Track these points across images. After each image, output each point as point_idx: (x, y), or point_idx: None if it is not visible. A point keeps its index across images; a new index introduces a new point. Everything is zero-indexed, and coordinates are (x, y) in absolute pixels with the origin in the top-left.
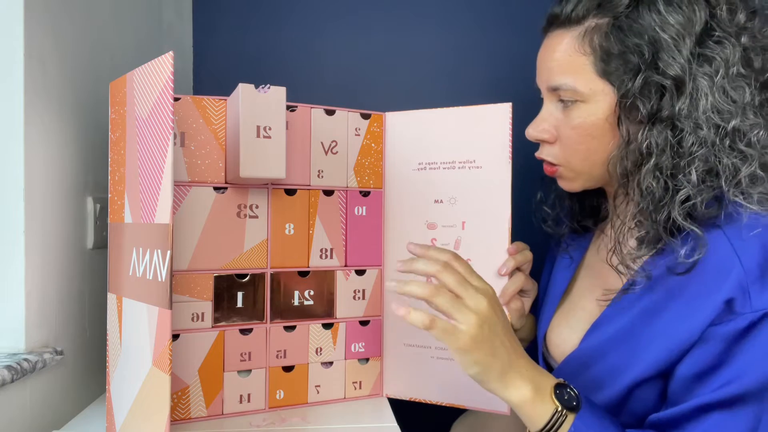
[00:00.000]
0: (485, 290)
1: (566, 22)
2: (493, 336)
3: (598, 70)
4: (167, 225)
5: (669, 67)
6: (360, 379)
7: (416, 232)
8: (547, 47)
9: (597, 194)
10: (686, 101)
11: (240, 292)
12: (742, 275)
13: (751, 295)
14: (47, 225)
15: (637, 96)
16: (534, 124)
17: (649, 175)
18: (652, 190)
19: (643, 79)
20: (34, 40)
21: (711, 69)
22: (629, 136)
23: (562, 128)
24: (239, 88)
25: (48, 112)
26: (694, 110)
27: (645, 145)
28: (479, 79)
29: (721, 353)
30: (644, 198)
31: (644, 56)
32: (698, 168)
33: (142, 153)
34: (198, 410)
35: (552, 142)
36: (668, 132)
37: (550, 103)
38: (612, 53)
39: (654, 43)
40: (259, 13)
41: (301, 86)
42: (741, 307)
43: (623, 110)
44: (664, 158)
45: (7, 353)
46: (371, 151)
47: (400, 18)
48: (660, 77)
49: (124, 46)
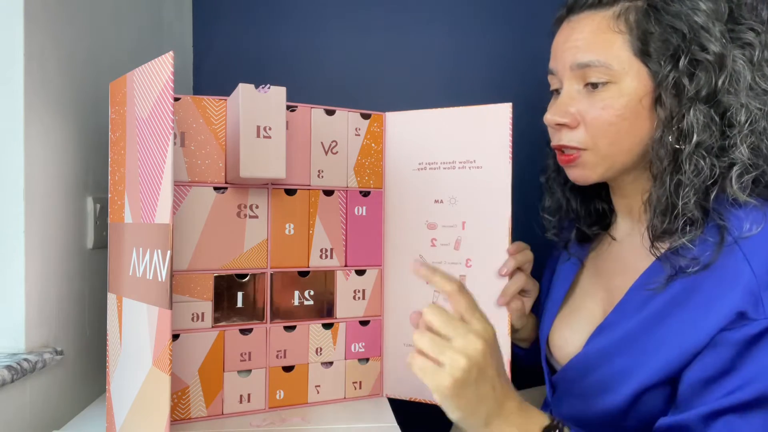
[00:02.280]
0: (483, 331)
1: (595, 4)
2: (482, 381)
3: (634, 49)
4: (167, 225)
5: (710, 44)
6: (360, 379)
7: (416, 232)
8: (572, 29)
9: (600, 198)
10: (727, 79)
11: (240, 292)
12: (753, 282)
13: (763, 301)
14: (47, 225)
15: (684, 74)
16: (554, 108)
17: (696, 155)
18: (699, 171)
19: (687, 58)
20: (34, 40)
21: (746, 51)
22: (671, 116)
23: (589, 110)
24: (239, 88)
25: (48, 113)
26: (736, 89)
27: (689, 124)
28: (479, 79)
29: (732, 358)
30: (690, 180)
31: (685, 35)
32: (747, 144)
33: (142, 153)
34: (198, 410)
35: (574, 127)
36: (711, 110)
37: (572, 86)
38: (651, 33)
39: (691, 24)
40: (259, 13)
41: (301, 86)
42: (754, 313)
43: (664, 89)
44: (708, 137)
45: (7, 353)
46: (371, 151)
47: (400, 18)
48: (704, 54)
49: (124, 46)
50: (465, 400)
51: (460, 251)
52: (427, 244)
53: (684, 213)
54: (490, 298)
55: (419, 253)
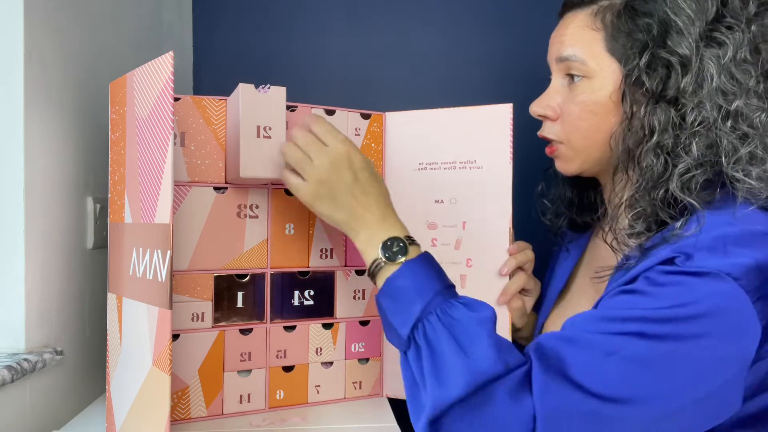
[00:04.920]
0: (332, 149)
1: (580, 3)
2: (335, 192)
3: (607, 47)
4: (167, 225)
5: (677, 45)
6: (360, 379)
7: (417, 231)
8: (561, 25)
9: (594, 189)
10: (692, 80)
11: (240, 292)
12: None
13: (694, 257)
14: (47, 225)
15: (643, 72)
16: (538, 100)
17: (651, 152)
18: (652, 167)
19: (649, 55)
20: (34, 40)
21: (719, 51)
22: (633, 113)
23: (566, 105)
24: (239, 88)
25: (48, 112)
26: (698, 89)
27: (648, 122)
28: (479, 79)
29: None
30: (643, 175)
31: (652, 34)
32: (699, 144)
33: (142, 153)
34: (198, 410)
35: (554, 120)
36: (672, 110)
37: (557, 79)
38: (621, 30)
39: (664, 23)
40: (260, 13)
41: (301, 86)
42: (681, 262)
43: (628, 86)
44: (666, 136)
45: (7, 353)
46: (371, 151)
47: (401, 18)
48: (667, 54)
49: (124, 46)
50: (324, 206)
51: (460, 251)
52: (428, 244)
53: (632, 207)
54: (491, 297)
55: None
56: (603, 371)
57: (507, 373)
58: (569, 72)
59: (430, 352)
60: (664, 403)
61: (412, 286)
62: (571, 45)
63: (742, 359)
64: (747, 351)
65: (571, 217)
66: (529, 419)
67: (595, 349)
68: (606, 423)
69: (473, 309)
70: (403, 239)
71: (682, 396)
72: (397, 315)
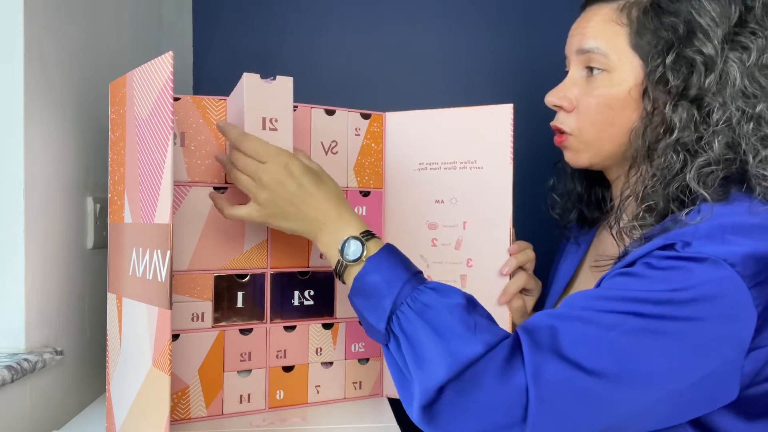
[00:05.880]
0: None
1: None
2: (283, 206)
3: (631, 42)
4: (167, 225)
5: (703, 45)
6: (360, 379)
7: (417, 231)
8: (583, 18)
9: (602, 185)
10: (715, 81)
11: (240, 292)
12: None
13: (692, 243)
14: (47, 225)
15: (669, 69)
16: (555, 90)
17: (670, 148)
18: (671, 163)
19: (675, 53)
20: (34, 40)
21: (743, 55)
22: (654, 109)
23: (583, 97)
24: (243, 78)
25: (48, 112)
26: (722, 90)
27: (670, 119)
28: (480, 79)
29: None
30: (660, 170)
31: (678, 33)
32: (720, 141)
33: (142, 153)
34: (198, 410)
35: (569, 111)
36: (694, 109)
37: (575, 71)
38: (647, 28)
39: (689, 23)
40: (260, 13)
41: (301, 86)
42: (680, 247)
43: (651, 83)
44: (687, 133)
45: (7, 353)
46: (371, 151)
47: (401, 18)
48: (692, 54)
49: (124, 46)
50: (277, 221)
51: (461, 251)
52: (428, 244)
53: (644, 200)
54: (492, 297)
55: (420, 254)
56: (599, 347)
57: (488, 352)
58: (589, 64)
59: (408, 342)
60: (660, 383)
61: (380, 280)
62: (594, 37)
63: (737, 343)
64: (743, 335)
65: (580, 211)
66: (520, 395)
67: (591, 326)
68: (600, 400)
69: (444, 294)
70: (359, 237)
71: (678, 376)
72: (372, 311)
